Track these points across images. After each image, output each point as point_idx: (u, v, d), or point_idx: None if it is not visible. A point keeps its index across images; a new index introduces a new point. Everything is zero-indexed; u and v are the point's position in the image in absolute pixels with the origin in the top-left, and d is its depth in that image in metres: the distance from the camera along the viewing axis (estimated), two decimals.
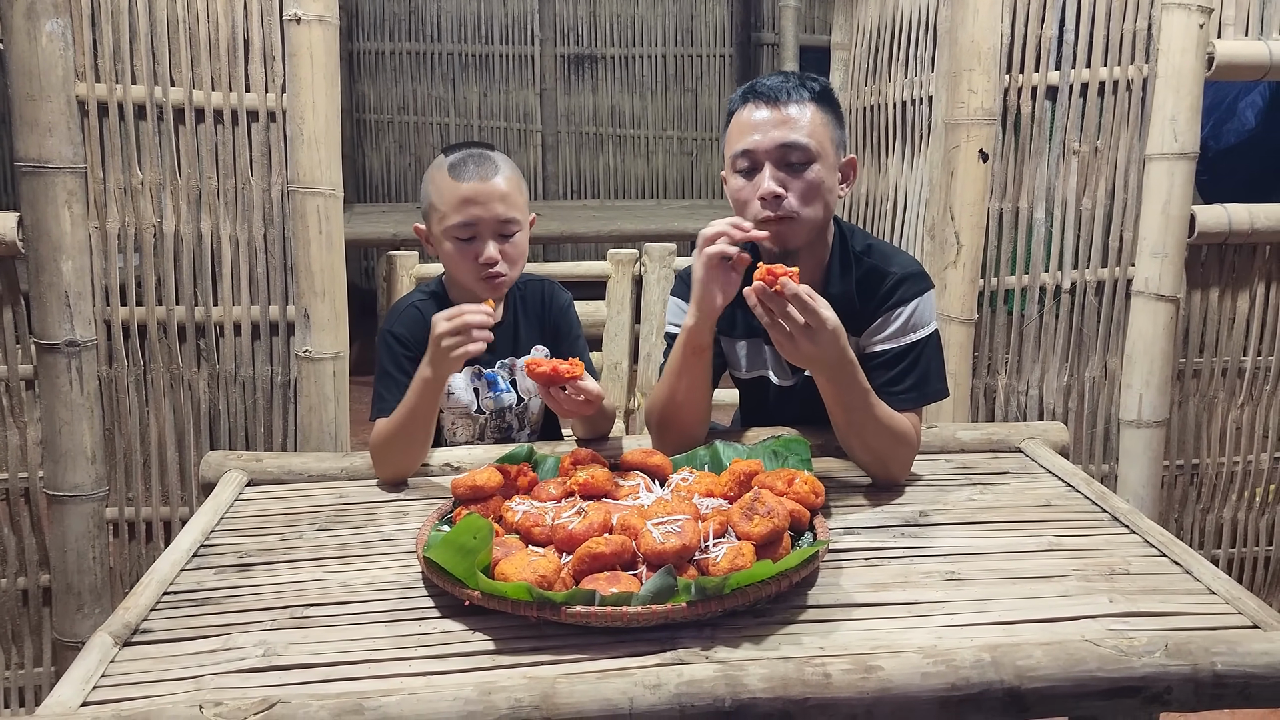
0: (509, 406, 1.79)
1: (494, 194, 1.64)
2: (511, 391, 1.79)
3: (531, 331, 1.81)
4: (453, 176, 1.65)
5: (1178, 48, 2.15)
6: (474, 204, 1.63)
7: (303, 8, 1.96)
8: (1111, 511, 1.42)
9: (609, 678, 1.00)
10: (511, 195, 1.66)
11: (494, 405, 1.78)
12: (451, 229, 1.65)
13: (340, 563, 1.31)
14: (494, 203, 1.64)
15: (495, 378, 1.79)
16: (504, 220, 1.65)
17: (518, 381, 1.80)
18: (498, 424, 1.80)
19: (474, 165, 1.66)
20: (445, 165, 1.68)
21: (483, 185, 1.64)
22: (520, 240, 1.70)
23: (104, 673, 1.06)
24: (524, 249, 1.71)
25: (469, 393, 1.77)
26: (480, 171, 1.65)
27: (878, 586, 1.22)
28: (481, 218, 1.64)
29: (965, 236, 2.21)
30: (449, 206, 1.65)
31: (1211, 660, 1.02)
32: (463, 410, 1.77)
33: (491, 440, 1.80)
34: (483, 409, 1.78)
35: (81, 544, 2.03)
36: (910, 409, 1.55)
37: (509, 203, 1.66)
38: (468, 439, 1.80)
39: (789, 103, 1.53)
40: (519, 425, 1.82)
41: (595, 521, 1.23)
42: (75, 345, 1.97)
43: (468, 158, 1.67)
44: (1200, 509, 2.42)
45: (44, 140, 1.91)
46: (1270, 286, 2.33)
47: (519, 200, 1.69)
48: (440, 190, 1.67)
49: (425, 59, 6.13)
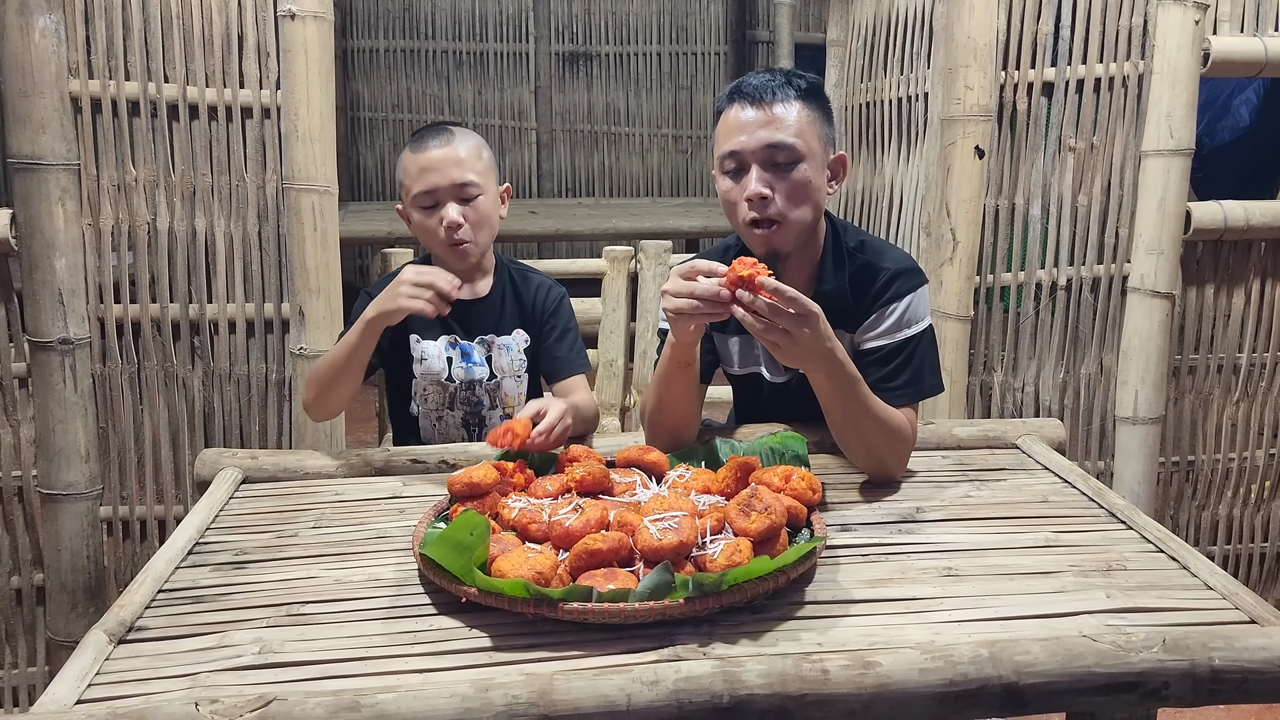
0: (479, 380, 1.84)
1: (449, 159, 1.73)
2: (484, 366, 1.84)
3: (513, 314, 1.86)
4: (411, 151, 1.76)
5: (1173, 44, 2.15)
6: (432, 171, 1.73)
7: (297, 4, 1.96)
8: (1108, 508, 1.42)
9: (606, 674, 0.99)
10: (467, 160, 1.75)
11: (464, 376, 1.83)
12: (415, 198, 1.75)
13: (336, 560, 1.31)
14: (449, 167, 1.73)
15: (470, 349, 1.84)
16: (461, 184, 1.74)
17: (492, 359, 1.84)
18: (467, 395, 1.84)
19: (431, 136, 1.76)
20: (409, 144, 1.79)
21: (438, 151, 1.73)
22: (482, 204, 1.77)
23: (99, 670, 1.06)
24: (488, 215, 1.78)
25: (441, 360, 1.82)
26: (436, 142, 1.75)
27: (875, 583, 1.22)
28: (439, 184, 1.73)
29: (961, 233, 2.21)
30: (411, 178, 1.75)
31: (1209, 656, 1.02)
32: (434, 377, 1.82)
33: (461, 411, 1.84)
34: (453, 378, 1.83)
35: (75, 543, 2.02)
36: (906, 404, 1.55)
37: (465, 166, 1.74)
38: (437, 406, 1.84)
39: (774, 102, 1.51)
40: (490, 403, 1.86)
41: (592, 518, 1.23)
42: (69, 343, 1.97)
43: (425, 132, 1.78)
44: (1196, 505, 2.42)
45: (37, 137, 1.90)
46: (1266, 283, 2.34)
47: (477, 165, 1.76)
48: (404, 166, 1.77)
49: (420, 56, 6.12)
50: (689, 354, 1.49)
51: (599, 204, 5.75)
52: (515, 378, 1.85)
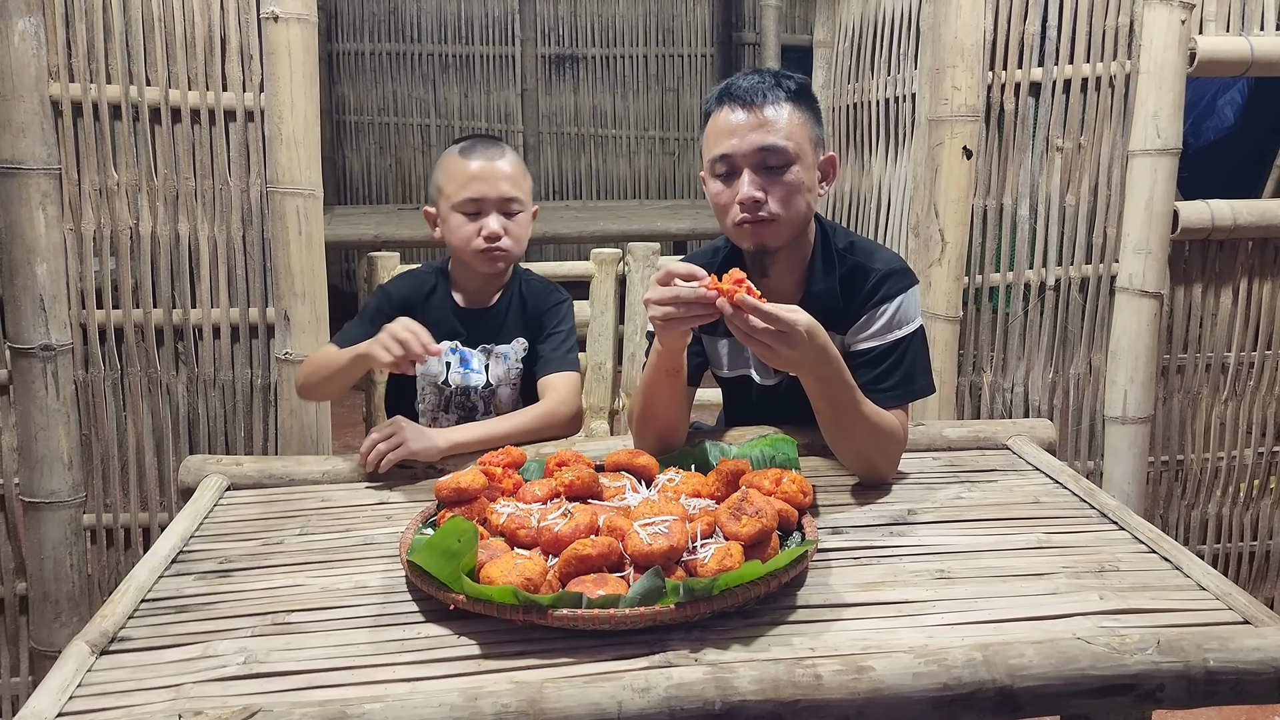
0: (475, 387, 1.85)
1: (499, 173, 1.78)
2: (482, 374, 1.86)
3: (516, 323, 1.88)
4: (462, 157, 1.80)
5: (1160, 44, 2.16)
6: (480, 181, 1.77)
7: (281, 6, 1.94)
8: (1100, 508, 1.42)
9: (597, 681, 0.98)
10: (516, 177, 1.80)
11: (460, 382, 1.85)
12: (459, 204, 1.78)
13: (322, 567, 1.29)
14: (500, 180, 1.78)
15: (470, 356, 1.85)
16: (508, 198, 1.79)
17: (490, 366, 1.86)
18: (462, 400, 1.86)
19: (482, 147, 1.81)
20: (456, 150, 1.82)
21: (489, 164, 1.78)
22: (523, 220, 1.82)
23: (81, 682, 1.04)
24: (525, 231, 1.84)
25: (440, 364, 1.84)
26: (488, 153, 1.80)
27: (867, 586, 1.21)
28: (487, 195, 1.77)
29: (950, 234, 2.21)
30: (458, 184, 1.78)
31: (1204, 657, 1.01)
32: (432, 379, 1.85)
33: (456, 415, 1.87)
34: (449, 382, 1.85)
35: (58, 551, 2.00)
36: (896, 406, 1.54)
37: (513, 183, 1.79)
38: (433, 407, 1.87)
39: (765, 104, 1.50)
40: (484, 408, 1.87)
41: (581, 523, 1.22)
42: (51, 349, 1.94)
43: (477, 142, 1.83)
44: (1185, 504, 2.42)
45: (17, 141, 1.88)
46: (1253, 282, 2.34)
47: (523, 184, 1.82)
48: (450, 171, 1.80)
49: (405, 59, 6.10)
50: (676, 360, 1.49)
51: (586, 206, 5.75)
52: (510, 385, 1.87)
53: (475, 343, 1.86)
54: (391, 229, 4.59)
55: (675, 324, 1.35)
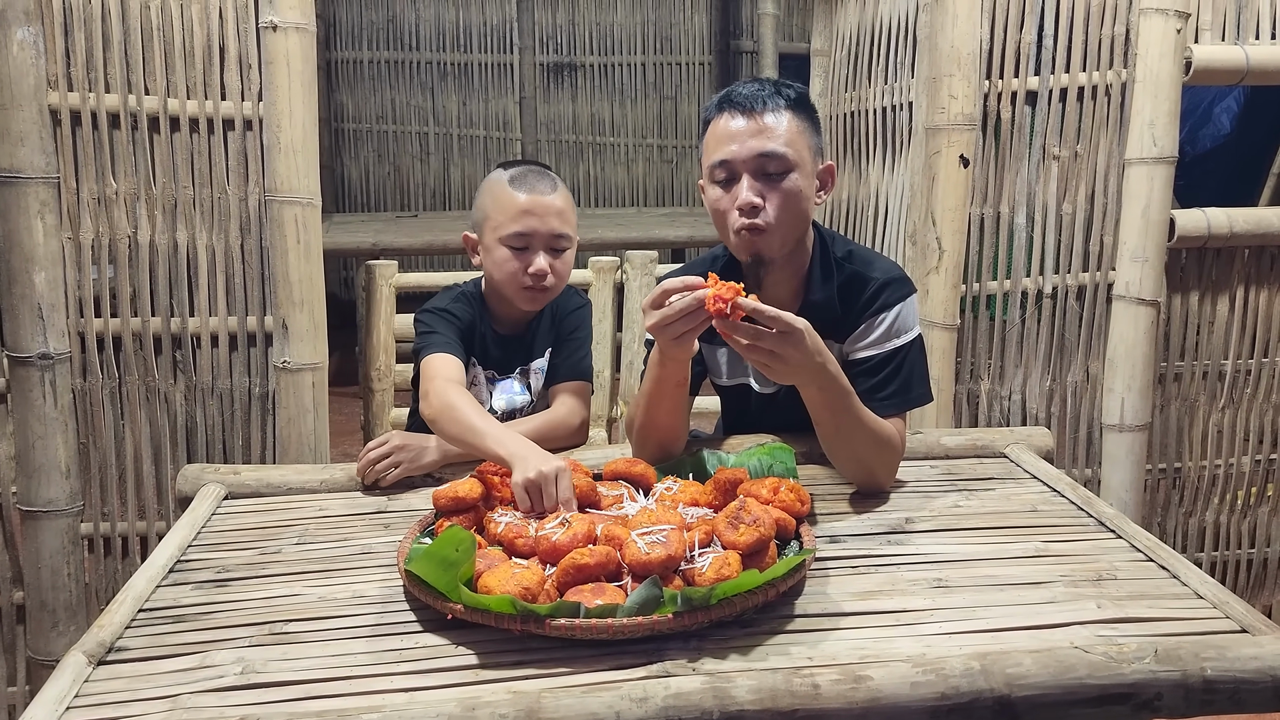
0: (520, 407, 1.84)
1: (551, 208, 1.73)
2: (525, 394, 1.85)
3: (546, 337, 1.87)
4: (513, 188, 1.73)
5: (1155, 53, 2.16)
6: (532, 215, 1.72)
7: (279, 15, 1.94)
8: (1097, 516, 1.42)
9: (595, 691, 0.98)
10: (566, 213, 1.76)
11: (506, 406, 1.83)
12: (507, 238, 1.72)
13: (320, 577, 1.29)
14: (550, 216, 1.73)
15: (511, 383, 1.84)
16: (558, 235, 1.74)
17: (531, 385, 1.85)
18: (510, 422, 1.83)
19: (534, 179, 1.75)
20: (505, 178, 1.76)
21: (542, 199, 1.73)
22: (568, 258, 1.78)
23: (78, 693, 1.04)
24: (570, 267, 1.80)
25: (483, 392, 1.82)
26: (539, 186, 1.74)
27: (865, 595, 1.21)
28: (537, 230, 1.72)
29: (947, 242, 2.21)
30: (507, 215, 1.72)
31: (1201, 666, 1.01)
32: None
33: None
34: (494, 409, 1.82)
35: (56, 560, 2.00)
36: (894, 414, 1.55)
37: (564, 219, 1.75)
38: None
39: (765, 111, 1.51)
40: None
41: (579, 532, 1.22)
42: (49, 358, 1.94)
43: (528, 172, 1.76)
44: (1183, 512, 2.42)
45: (15, 150, 1.88)
46: (1249, 290, 2.35)
47: (571, 219, 1.77)
48: (499, 200, 1.74)
49: (404, 68, 6.11)
50: (682, 370, 1.48)
51: (584, 214, 5.72)
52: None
53: (511, 367, 1.85)
54: (390, 237, 4.59)
55: (683, 336, 1.35)
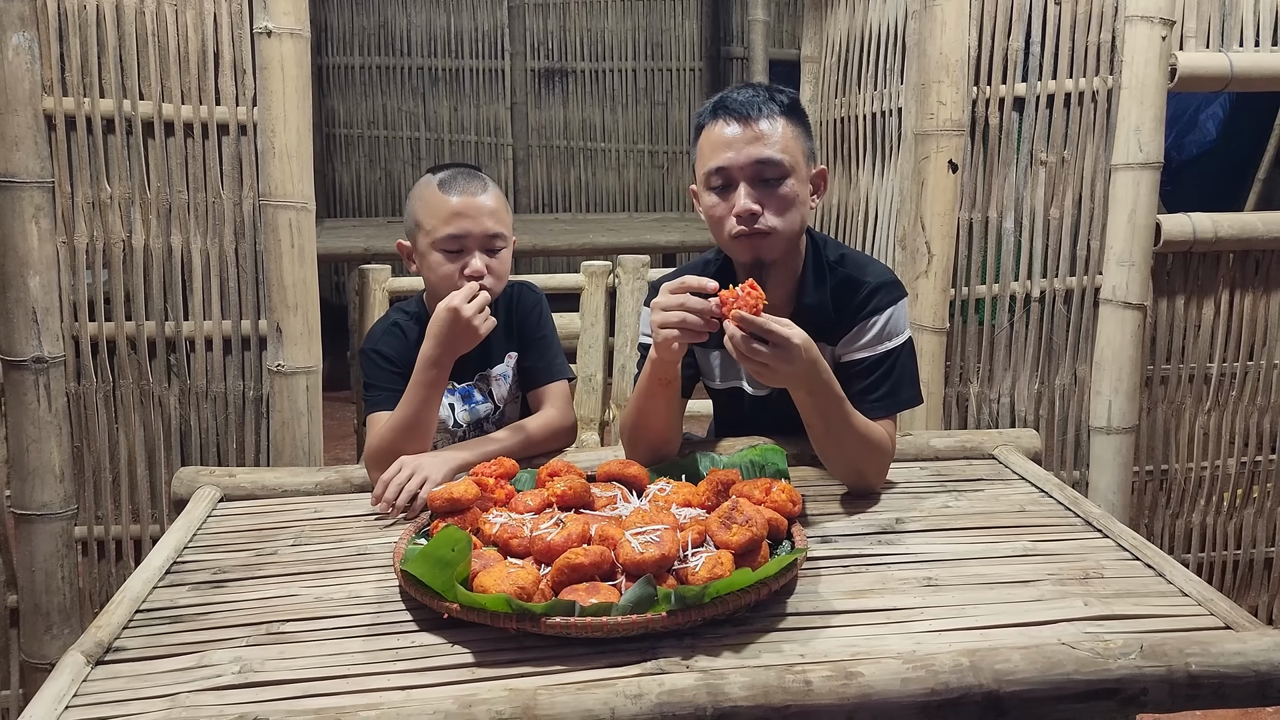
0: (485, 416, 1.81)
1: (482, 209, 1.69)
2: (488, 402, 1.81)
3: (500, 339, 1.81)
4: (443, 191, 1.69)
5: (1141, 60, 2.19)
6: (463, 217, 1.67)
7: (273, 21, 1.96)
8: (1084, 516, 1.44)
9: (590, 688, 0.99)
10: (499, 212, 1.71)
11: (469, 418, 1.80)
12: (440, 241, 1.68)
13: (316, 577, 1.30)
14: (483, 217, 1.68)
15: (470, 391, 1.80)
16: (491, 235, 1.69)
17: (493, 392, 1.81)
18: (476, 435, 1.79)
19: (463, 180, 1.70)
20: (434, 182, 1.71)
21: (472, 200, 1.68)
22: (505, 257, 1.73)
23: (76, 692, 1.05)
24: (508, 266, 1.75)
25: (444, 408, 1.76)
26: (469, 187, 1.69)
27: (856, 593, 1.23)
28: (470, 231, 1.68)
29: (936, 246, 2.23)
30: (438, 220, 1.68)
31: (1186, 661, 1.03)
32: (440, 425, 1.76)
33: None
34: (459, 423, 1.79)
35: (50, 564, 2.00)
36: (885, 417, 1.56)
37: (497, 218, 1.70)
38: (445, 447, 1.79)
39: (760, 118, 1.52)
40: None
41: (574, 532, 1.23)
42: (43, 362, 1.95)
43: (457, 174, 1.72)
44: (1170, 514, 2.45)
45: (10, 154, 1.89)
46: (1234, 294, 2.37)
47: (505, 218, 1.73)
48: (429, 205, 1.70)
49: (395, 73, 6.12)
50: (671, 371, 1.50)
51: (576, 219, 5.76)
52: (515, 400, 1.83)
53: (469, 375, 1.80)
54: (381, 242, 4.59)
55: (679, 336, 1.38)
